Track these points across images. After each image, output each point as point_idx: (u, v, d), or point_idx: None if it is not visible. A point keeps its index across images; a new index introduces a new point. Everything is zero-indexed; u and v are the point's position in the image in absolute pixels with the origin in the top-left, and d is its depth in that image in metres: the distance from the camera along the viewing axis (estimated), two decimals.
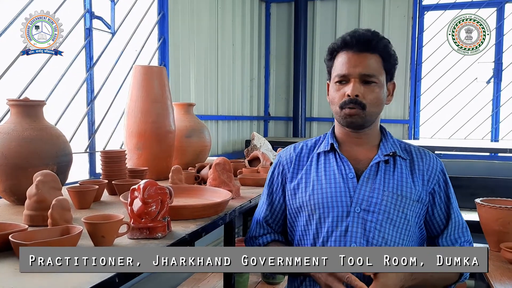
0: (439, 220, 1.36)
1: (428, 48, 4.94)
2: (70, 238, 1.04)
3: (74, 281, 0.88)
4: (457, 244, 1.35)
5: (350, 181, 1.31)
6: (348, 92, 1.27)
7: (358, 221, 1.27)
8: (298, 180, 1.39)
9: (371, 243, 1.26)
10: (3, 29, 2.10)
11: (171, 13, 3.42)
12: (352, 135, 1.37)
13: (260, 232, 1.45)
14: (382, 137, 1.40)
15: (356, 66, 1.29)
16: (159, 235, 1.17)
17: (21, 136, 1.49)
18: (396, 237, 1.28)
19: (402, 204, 1.29)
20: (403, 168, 1.33)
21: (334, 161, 1.36)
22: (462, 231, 1.37)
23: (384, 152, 1.34)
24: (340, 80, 1.31)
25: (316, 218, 1.32)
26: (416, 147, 1.41)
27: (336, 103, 1.31)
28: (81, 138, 2.65)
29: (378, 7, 5.01)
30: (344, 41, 1.31)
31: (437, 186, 1.35)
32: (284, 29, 5.47)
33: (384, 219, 1.27)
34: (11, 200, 1.56)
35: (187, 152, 2.47)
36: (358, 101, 1.28)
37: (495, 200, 1.93)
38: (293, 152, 1.44)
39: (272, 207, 1.44)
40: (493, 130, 4.78)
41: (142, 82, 2.12)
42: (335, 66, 1.34)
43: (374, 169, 1.32)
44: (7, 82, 2.13)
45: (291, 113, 5.33)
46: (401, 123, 5.03)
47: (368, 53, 1.30)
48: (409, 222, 1.30)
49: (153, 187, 1.19)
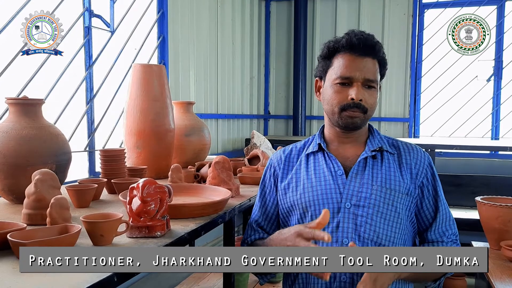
0: (428, 214, 1.38)
1: (428, 46, 4.93)
2: (69, 237, 1.03)
3: (73, 281, 0.87)
4: (444, 236, 1.37)
5: (339, 178, 1.33)
6: (353, 95, 1.28)
7: (349, 216, 1.29)
8: (289, 180, 1.41)
9: (362, 237, 1.28)
10: (1, 29, 2.10)
11: (171, 11, 3.41)
12: (343, 134, 1.39)
13: (250, 234, 1.47)
14: (369, 134, 1.42)
15: (360, 69, 1.29)
16: (158, 234, 1.17)
17: (20, 135, 1.48)
18: (387, 230, 1.29)
19: (391, 198, 1.31)
20: (390, 162, 1.35)
21: (323, 160, 1.38)
22: (449, 224, 1.39)
23: (371, 148, 1.36)
24: (342, 82, 1.30)
25: (308, 216, 1.33)
26: (404, 142, 1.43)
27: (336, 104, 1.31)
28: (80, 136, 2.65)
29: (378, 5, 5.00)
30: (350, 42, 1.30)
31: (425, 179, 1.37)
32: (284, 27, 5.46)
33: (375, 213, 1.29)
34: (10, 199, 1.56)
35: (186, 151, 2.46)
36: (361, 105, 1.29)
37: (496, 198, 1.92)
38: (283, 154, 1.47)
39: (266, 208, 1.46)
40: (493, 128, 4.77)
41: (141, 81, 2.12)
42: (334, 66, 1.33)
43: (362, 164, 1.34)
44: (6, 81, 2.13)
45: (291, 111, 5.33)
46: (401, 121, 5.03)
47: (370, 57, 1.32)
48: (399, 215, 1.31)
49: (152, 186, 1.19)
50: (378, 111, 5.05)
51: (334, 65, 1.33)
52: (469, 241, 2.02)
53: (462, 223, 3.60)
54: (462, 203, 4.07)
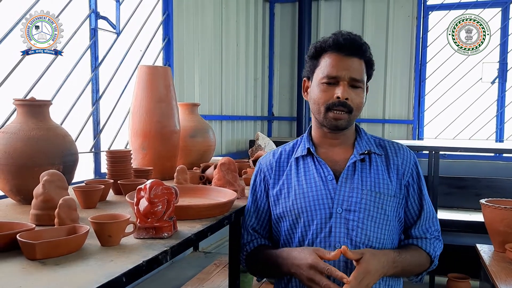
0: (413, 212, 1.42)
1: (433, 48, 4.92)
2: (77, 237, 1.04)
3: (81, 281, 0.87)
4: (428, 233, 1.41)
5: (329, 183, 1.35)
6: (339, 94, 1.30)
7: (341, 221, 1.31)
8: (280, 186, 1.42)
9: (354, 241, 1.30)
10: (9, 30, 2.11)
11: (176, 13, 3.42)
12: (330, 136, 1.40)
13: (248, 239, 1.49)
14: (356, 135, 1.44)
15: (346, 69, 1.31)
16: (165, 235, 1.18)
17: (28, 136, 1.49)
18: (377, 232, 1.32)
19: (380, 201, 1.33)
20: (378, 165, 1.38)
21: (312, 165, 1.39)
22: (432, 221, 1.43)
23: (359, 151, 1.38)
24: (329, 81, 1.32)
25: (300, 223, 1.35)
26: (390, 142, 1.46)
27: (322, 103, 1.33)
28: (86, 137, 2.66)
29: (383, 7, 5.00)
30: (337, 42, 1.32)
31: (411, 178, 1.40)
32: (288, 29, 5.47)
33: (365, 217, 1.31)
34: (17, 200, 1.57)
35: (191, 152, 2.47)
36: (346, 104, 1.31)
37: (500, 201, 1.92)
38: (273, 158, 1.48)
39: (258, 213, 1.49)
40: (497, 131, 4.76)
41: (147, 82, 2.13)
42: (321, 65, 1.35)
43: (351, 169, 1.36)
44: (13, 82, 2.14)
45: (295, 113, 5.33)
46: (405, 123, 5.02)
47: (356, 57, 1.34)
48: (388, 217, 1.34)
49: (159, 187, 1.19)
50: (382, 113, 5.05)
51: (321, 64, 1.35)
52: (473, 243, 2.02)
53: (466, 225, 3.60)
54: (466, 205, 4.06)
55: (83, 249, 1.05)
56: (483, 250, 1.90)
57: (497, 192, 3.85)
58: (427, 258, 1.40)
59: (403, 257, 1.31)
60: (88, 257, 1.00)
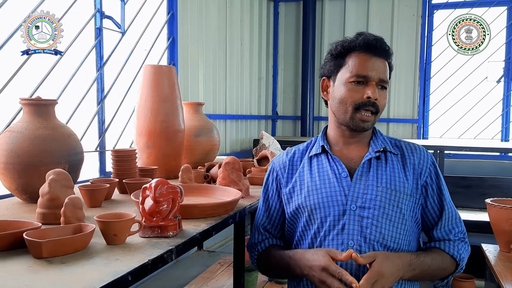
0: (433, 212, 1.37)
1: (438, 47, 4.90)
2: (83, 236, 1.05)
3: (87, 280, 0.88)
4: (451, 234, 1.36)
5: (344, 180, 1.32)
6: (370, 94, 1.28)
7: (355, 218, 1.28)
8: (293, 183, 1.40)
9: (368, 239, 1.27)
10: (14, 30, 2.12)
11: (180, 12, 3.43)
12: (348, 135, 1.38)
13: (259, 238, 1.47)
14: (372, 135, 1.42)
15: (376, 70, 1.30)
16: (171, 234, 1.18)
17: (34, 135, 1.50)
18: (393, 231, 1.29)
19: (396, 199, 1.30)
20: (394, 163, 1.35)
21: (326, 162, 1.37)
22: (455, 222, 1.38)
23: (374, 149, 1.35)
24: (358, 80, 1.30)
25: (313, 219, 1.33)
26: (406, 142, 1.42)
27: (351, 103, 1.30)
28: (91, 137, 2.67)
29: (387, 6, 4.99)
30: (367, 42, 1.31)
31: (429, 178, 1.37)
32: (292, 28, 5.46)
33: (380, 214, 1.28)
34: (23, 198, 1.58)
35: (196, 151, 2.48)
36: (375, 105, 1.30)
37: (506, 200, 1.91)
38: (286, 158, 1.46)
39: (269, 213, 1.46)
40: (503, 130, 4.74)
41: (151, 82, 2.13)
42: (348, 64, 1.32)
43: (366, 166, 1.33)
44: (19, 81, 2.15)
45: (299, 112, 5.33)
46: (410, 122, 5.01)
47: (383, 59, 1.33)
48: (404, 216, 1.30)
49: (164, 186, 1.20)
50: (386, 112, 5.04)
51: (348, 63, 1.32)
52: (479, 243, 2.01)
53: (472, 225, 3.58)
54: (471, 205, 4.05)
55: (89, 248, 1.06)
56: (488, 250, 1.90)
57: (503, 192, 3.83)
58: (451, 261, 1.34)
59: (421, 259, 1.26)
60: (94, 256, 1.01)
